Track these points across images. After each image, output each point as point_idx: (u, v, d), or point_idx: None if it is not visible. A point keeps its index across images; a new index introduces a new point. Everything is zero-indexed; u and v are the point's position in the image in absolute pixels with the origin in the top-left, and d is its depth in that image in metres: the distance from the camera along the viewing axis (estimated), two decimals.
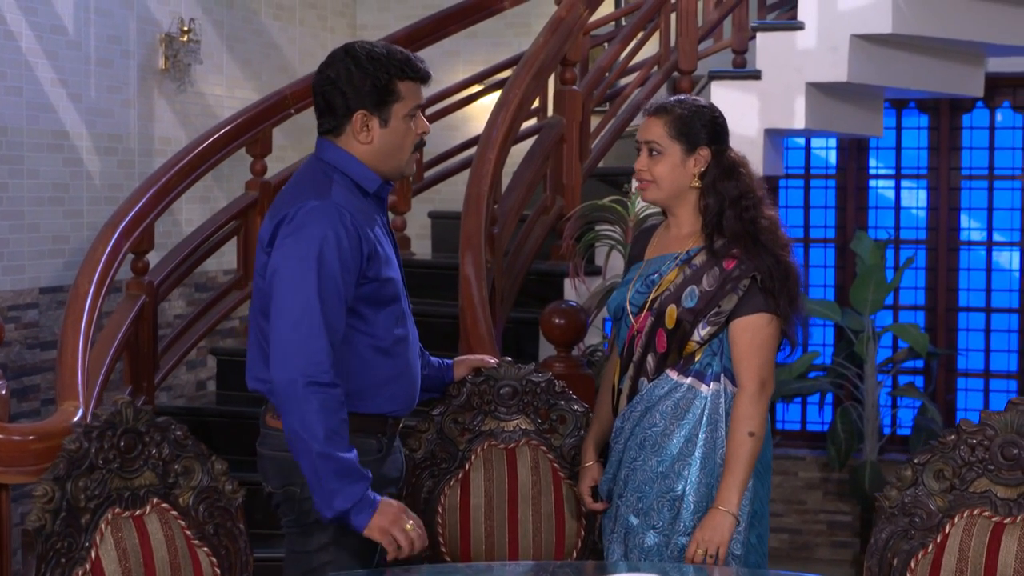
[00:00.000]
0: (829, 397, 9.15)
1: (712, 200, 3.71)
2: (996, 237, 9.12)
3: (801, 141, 9.12)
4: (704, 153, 3.72)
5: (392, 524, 3.43)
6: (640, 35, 6.72)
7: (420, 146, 3.70)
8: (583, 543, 4.05)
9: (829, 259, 9.25)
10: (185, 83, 7.56)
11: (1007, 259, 9.11)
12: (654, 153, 3.74)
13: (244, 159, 6.42)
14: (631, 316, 3.76)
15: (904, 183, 9.25)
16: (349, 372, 3.51)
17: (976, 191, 9.12)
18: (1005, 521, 3.34)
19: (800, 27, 6.48)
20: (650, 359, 3.71)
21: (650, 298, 3.73)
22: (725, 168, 3.72)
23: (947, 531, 3.39)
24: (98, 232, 5.38)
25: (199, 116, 7.72)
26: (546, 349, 5.81)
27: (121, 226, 5.36)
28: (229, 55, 8.10)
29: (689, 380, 3.67)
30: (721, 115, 3.78)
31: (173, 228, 7.27)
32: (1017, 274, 9.06)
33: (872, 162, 9.28)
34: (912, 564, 3.41)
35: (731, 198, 3.69)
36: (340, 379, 3.42)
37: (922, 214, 9.21)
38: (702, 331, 3.65)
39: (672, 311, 3.67)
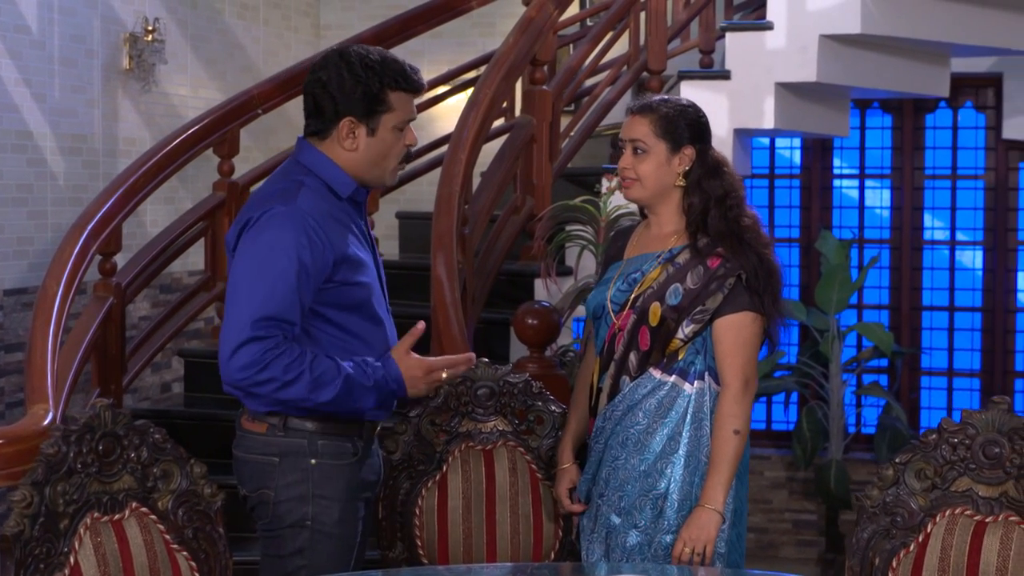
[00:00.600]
0: (794, 396, 9.18)
1: (697, 199, 3.71)
2: (959, 236, 9.17)
3: (766, 141, 9.13)
4: (689, 152, 3.73)
5: (427, 389, 3.54)
6: (609, 35, 6.71)
7: (407, 157, 3.66)
8: (561, 544, 4.05)
9: (794, 259, 9.27)
10: (149, 83, 7.51)
11: (970, 258, 9.17)
12: (639, 152, 3.73)
13: (208, 160, 6.38)
14: (612, 314, 3.75)
15: (868, 183, 9.29)
16: None
17: (939, 191, 9.17)
18: (987, 520, 3.35)
19: (769, 27, 6.48)
20: (632, 357, 3.70)
21: (632, 296, 3.73)
22: (710, 167, 3.73)
23: (929, 530, 3.40)
24: (65, 233, 5.32)
25: (164, 116, 7.67)
26: (516, 349, 5.78)
27: (89, 227, 5.30)
28: (193, 55, 8.05)
29: (673, 378, 3.67)
30: (704, 115, 3.79)
31: (138, 229, 7.20)
32: (980, 273, 9.12)
33: (836, 162, 9.32)
34: (894, 563, 3.41)
35: (716, 197, 3.70)
36: None
37: (886, 213, 9.25)
38: (686, 329, 3.65)
39: (656, 308, 3.67)
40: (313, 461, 3.49)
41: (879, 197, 9.26)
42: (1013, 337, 9.09)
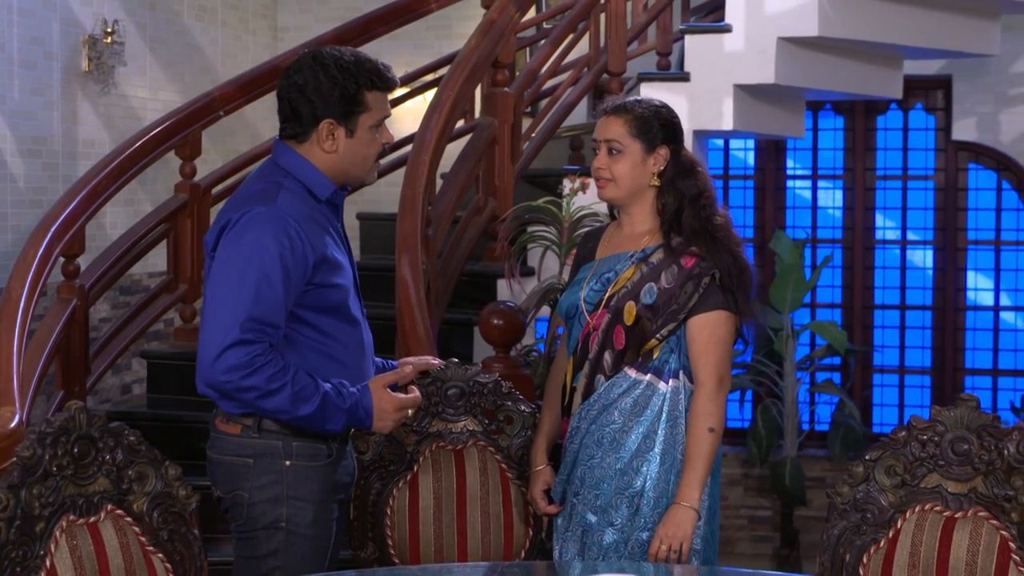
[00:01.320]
0: (749, 394, 9.21)
1: (671, 198, 3.71)
2: (910, 236, 9.24)
3: (720, 142, 9.17)
4: (663, 152, 3.72)
5: (394, 425, 3.54)
6: (570, 37, 6.69)
7: (382, 155, 3.64)
8: (531, 543, 4.03)
9: (748, 258, 9.27)
10: (109, 85, 7.44)
11: (920, 257, 9.24)
12: (614, 152, 3.72)
13: (166, 162, 6.33)
14: (586, 314, 3.74)
15: (821, 183, 9.35)
16: None
17: (890, 191, 9.25)
18: (956, 516, 3.36)
19: (728, 30, 6.48)
20: (607, 356, 3.69)
21: (606, 296, 3.72)
22: (684, 167, 3.74)
23: (899, 526, 3.40)
24: (28, 236, 5.28)
25: (123, 118, 7.60)
26: (479, 350, 5.77)
27: (52, 229, 5.27)
28: (152, 57, 7.98)
29: (648, 377, 3.67)
30: (676, 115, 3.79)
31: (98, 231, 7.14)
32: (931, 272, 9.19)
33: (789, 163, 9.36)
34: (865, 559, 3.41)
35: (691, 196, 3.70)
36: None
37: (838, 214, 9.31)
38: (662, 328, 3.64)
39: (631, 308, 3.66)
40: (287, 463, 3.46)
41: (831, 197, 9.32)
42: (963, 335, 9.17)
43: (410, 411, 3.55)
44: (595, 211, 5.43)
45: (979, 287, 9.18)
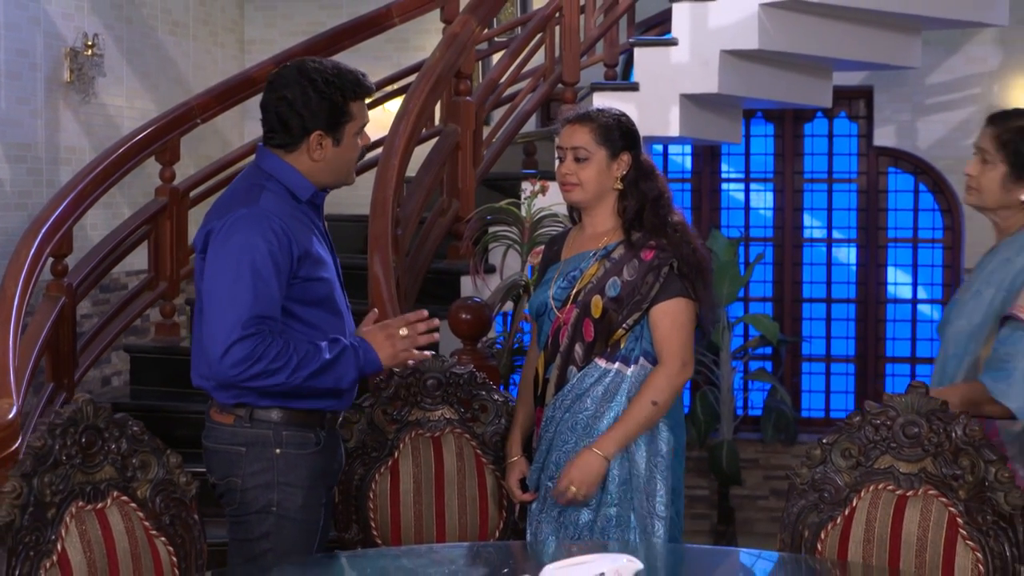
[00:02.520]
0: (688, 383, 9.20)
1: (633, 200, 3.71)
2: (835, 235, 9.29)
3: (659, 147, 9.17)
4: (626, 158, 3.73)
5: (392, 353, 3.45)
6: (527, 49, 6.67)
7: (360, 156, 3.60)
8: (505, 524, 4.02)
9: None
10: (89, 95, 7.35)
11: (845, 254, 9.29)
12: (580, 159, 3.70)
13: (143, 167, 6.26)
14: (555, 310, 3.72)
15: (753, 186, 9.37)
16: None
17: (817, 193, 9.29)
18: (908, 494, 3.36)
19: (674, 43, 6.49)
20: (578, 348, 3.68)
21: (573, 292, 3.71)
22: (645, 171, 3.75)
23: (854, 504, 3.40)
24: (13, 236, 5.22)
25: (102, 126, 7.51)
26: (445, 343, 5.72)
27: (42, 231, 5.22)
28: (129, 68, 7.89)
29: (616, 366, 3.67)
30: (634, 124, 3.80)
31: (79, 233, 7.01)
32: (854, 268, 9.24)
33: (724, 167, 9.38)
34: (822, 535, 3.41)
35: (652, 198, 3.71)
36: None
37: (769, 214, 9.34)
38: (627, 318, 3.64)
39: (597, 301, 3.65)
40: (278, 450, 3.44)
41: (763, 199, 9.35)
42: (884, 326, 9.23)
43: (403, 330, 3.47)
44: (554, 212, 5.42)
45: (898, 282, 9.23)
